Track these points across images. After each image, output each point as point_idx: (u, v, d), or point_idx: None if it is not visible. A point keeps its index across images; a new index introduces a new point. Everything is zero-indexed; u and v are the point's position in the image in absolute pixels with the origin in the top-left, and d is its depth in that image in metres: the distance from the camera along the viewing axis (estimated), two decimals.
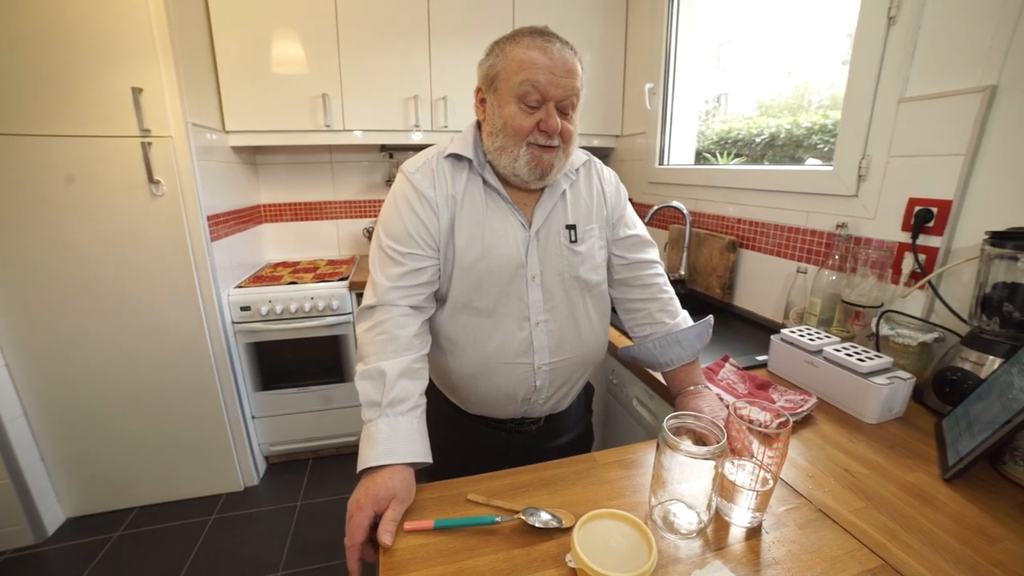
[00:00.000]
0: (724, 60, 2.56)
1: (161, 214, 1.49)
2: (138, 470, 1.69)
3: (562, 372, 0.83)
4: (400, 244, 0.74)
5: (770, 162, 1.82)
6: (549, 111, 0.70)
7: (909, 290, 0.98)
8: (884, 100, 1.01)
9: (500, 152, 0.73)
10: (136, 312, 1.54)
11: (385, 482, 0.60)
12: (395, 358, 0.69)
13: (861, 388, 0.81)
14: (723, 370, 0.98)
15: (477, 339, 0.78)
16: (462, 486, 0.66)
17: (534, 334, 0.78)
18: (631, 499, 0.63)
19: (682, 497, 0.58)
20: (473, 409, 0.87)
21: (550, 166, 0.73)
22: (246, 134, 1.82)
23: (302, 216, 2.27)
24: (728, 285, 1.50)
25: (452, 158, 0.78)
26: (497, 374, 0.80)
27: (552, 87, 0.69)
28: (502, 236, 0.76)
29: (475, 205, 0.76)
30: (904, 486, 0.65)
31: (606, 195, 0.86)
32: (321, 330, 1.82)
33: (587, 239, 0.81)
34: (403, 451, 0.63)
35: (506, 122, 0.71)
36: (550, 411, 0.88)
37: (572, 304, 0.81)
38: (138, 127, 1.40)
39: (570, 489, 0.65)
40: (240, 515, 1.69)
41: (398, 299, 0.73)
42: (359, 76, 1.84)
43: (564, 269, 0.79)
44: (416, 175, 0.76)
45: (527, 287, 0.77)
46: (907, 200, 0.98)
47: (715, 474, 0.55)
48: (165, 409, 1.65)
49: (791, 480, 0.66)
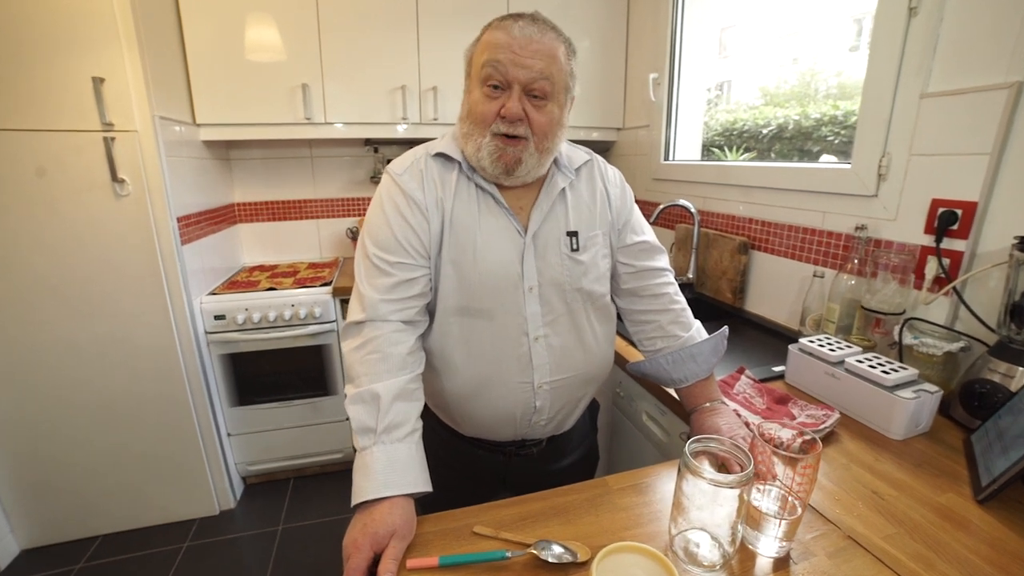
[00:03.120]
0: (727, 46, 2.57)
1: (126, 215, 1.45)
2: (101, 495, 1.65)
3: (564, 391, 0.82)
4: (389, 253, 0.73)
5: (778, 155, 1.83)
6: (511, 95, 0.69)
7: (933, 296, 0.99)
8: (905, 95, 1.02)
9: (466, 140, 0.73)
10: (99, 323, 1.50)
11: (384, 517, 0.59)
12: (389, 379, 0.68)
13: (886, 402, 0.82)
14: (739, 383, 0.97)
15: (471, 356, 0.77)
16: (467, 517, 0.65)
17: (533, 350, 0.77)
18: (649, 528, 0.63)
19: (704, 526, 0.58)
20: (469, 431, 0.86)
21: (515, 160, 0.71)
22: (219, 127, 1.79)
23: (280, 216, 2.25)
24: (739, 289, 1.51)
25: (440, 158, 0.77)
26: (493, 394, 0.78)
27: (514, 67, 0.67)
28: (496, 243, 0.75)
29: (466, 210, 0.75)
30: (936, 508, 0.65)
31: (610, 197, 0.84)
32: (302, 339, 1.80)
33: (590, 247, 0.80)
34: (402, 481, 0.62)
35: (471, 108, 0.71)
36: (552, 432, 0.87)
37: (574, 317, 0.80)
38: (100, 121, 1.37)
39: (583, 518, 0.65)
40: (216, 542, 1.67)
41: (389, 313, 0.71)
42: (342, 64, 1.82)
43: (565, 280, 0.78)
44: (404, 177, 0.75)
45: (524, 299, 0.76)
46: (930, 201, 0.99)
47: (741, 503, 0.55)
48: (131, 427, 1.61)
49: (817, 503, 0.66)
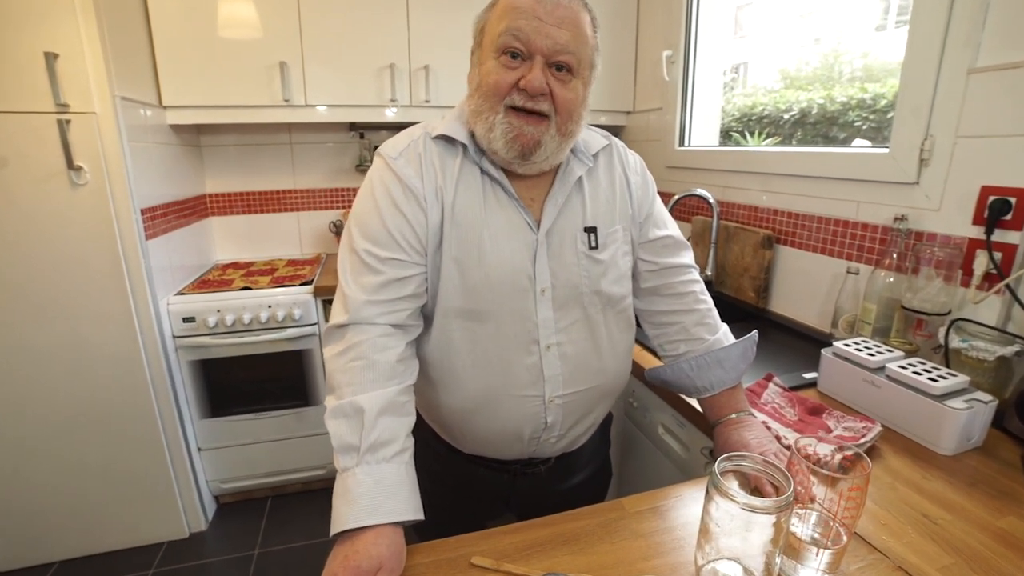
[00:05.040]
0: (743, 25, 2.56)
1: (84, 207, 1.43)
2: (57, 516, 1.62)
3: (578, 406, 0.79)
4: (379, 247, 0.69)
5: (801, 142, 1.81)
6: (533, 65, 0.65)
7: (983, 295, 0.97)
8: (950, 71, 0.99)
9: (476, 119, 0.70)
10: (54, 326, 1.47)
11: (368, 549, 0.56)
12: (374, 390, 0.64)
13: (935, 413, 0.79)
14: (767, 392, 0.95)
15: (474, 366, 0.74)
16: (463, 546, 0.63)
17: (544, 360, 0.74)
18: (672, 558, 0.61)
19: (736, 555, 0.55)
20: (469, 448, 0.84)
21: (534, 142, 0.67)
22: (188, 110, 1.77)
23: (256, 208, 2.23)
24: (763, 288, 1.49)
25: (442, 140, 0.74)
26: (499, 409, 0.75)
27: (538, 36, 0.64)
28: (504, 240, 0.72)
29: (471, 200, 0.72)
30: (995, 534, 0.64)
31: (631, 187, 0.82)
32: (281, 344, 1.78)
33: (609, 244, 0.77)
34: (388, 508, 0.59)
35: (483, 79, 0.68)
36: (563, 450, 0.85)
37: (591, 323, 0.77)
38: (53, 101, 1.34)
39: (596, 547, 0.63)
40: (186, 567, 1.65)
41: (376, 316, 0.68)
42: (324, 40, 1.80)
43: (582, 281, 0.75)
44: (399, 161, 0.72)
45: (535, 303, 0.73)
46: (979, 189, 0.97)
47: (779, 530, 0.52)
48: (91, 441, 1.59)
49: (861, 529, 0.64)
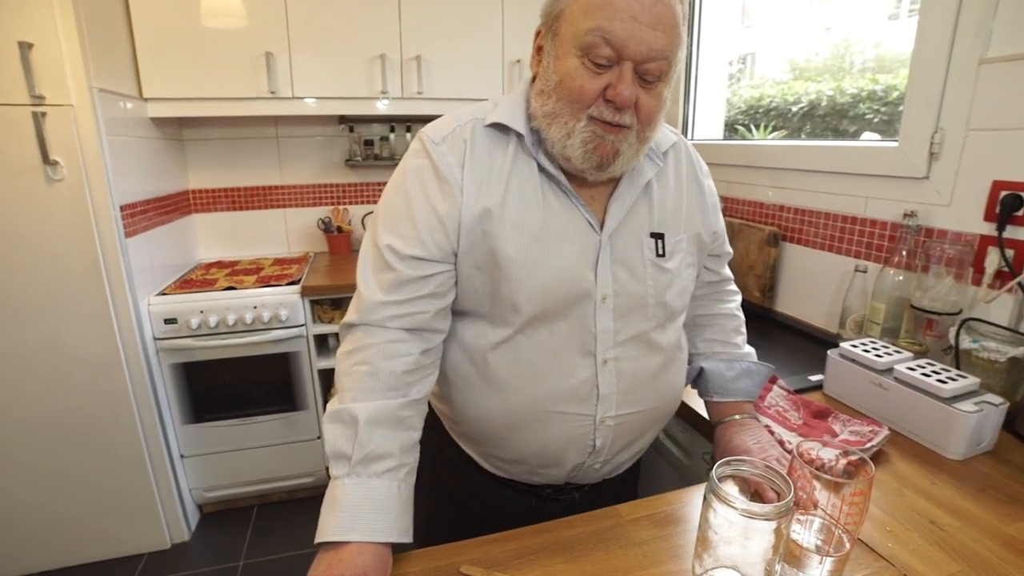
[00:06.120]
0: (751, 14, 2.57)
1: (60, 203, 1.43)
2: (33, 526, 1.62)
3: (630, 429, 0.75)
4: (402, 242, 0.66)
5: (809, 135, 1.82)
6: (623, 74, 0.60)
7: (994, 293, 0.97)
8: (961, 62, 1.00)
9: (550, 121, 0.64)
10: (27, 330, 1.48)
11: (353, 559, 0.55)
12: (373, 399, 0.63)
13: (943, 416, 0.80)
14: (771, 394, 0.96)
15: (520, 375, 0.70)
16: (452, 554, 0.63)
17: (600, 375, 0.70)
18: (669, 567, 0.61)
19: (735, 563, 0.55)
20: (498, 468, 0.79)
21: (614, 152, 0.64)
22: (169, 102, 1.77)
23: (241, 205, 2.23)
24: (769, 287, 1.50)
25: (495, 129, 0.69)
26: (543, 427, 0.71)
27: (632, 42, 0.58)
28: (563, 241, 0.68)
29: (525, 197, 0.67)
30: (1004, 541, 0.64)
31: (707, 195, 0.80)
32: (266, 347, 1.78)
33: (676, 253, 0.74)
34: (373, 526, 0.58)
35: (562, 80, 0.62)
36: (603, 477, 0.81)
37: (651, 338, 0.73)
38: (28, 93, 1.34)
39: (590, 555, 0.63)
40: None
41: (388, 319, 0.65)
42: (311, 30, 1.80)
43: (648, 291, 0.71)
44: (441, 148, 0.67)
45: (595, 311, 0.69)
46: (990, 183, 0.97)
47: (779, 537, 0.52)
48: (68, 448, 1.59)
49: (865, 536, 0.65)
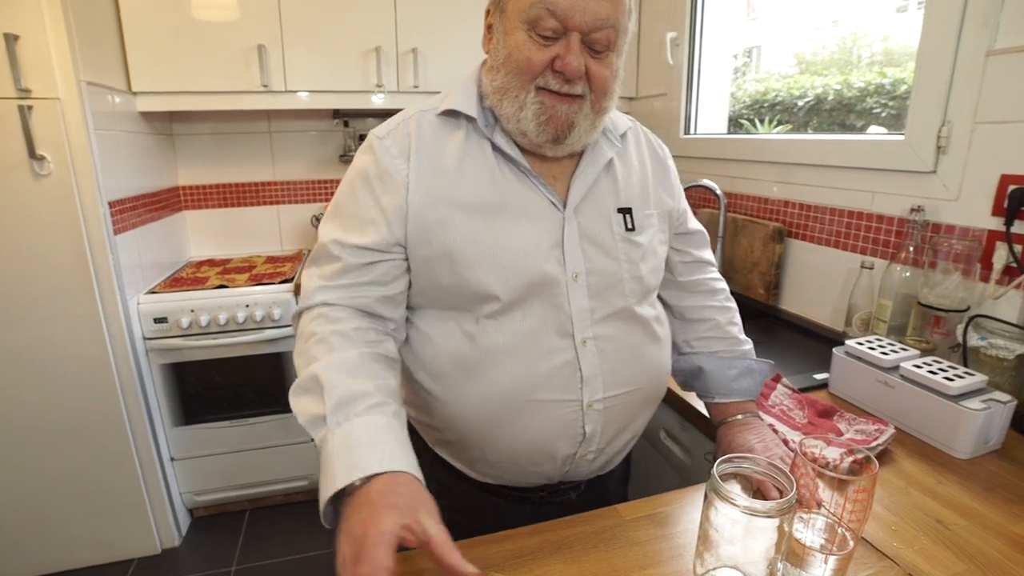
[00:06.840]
0: (756, 7, 2.57)
1: (47, 199, 1.43)
2: (19, 532, 1.62)
3: (621, 412, 0.74)
4: (345, 234, 0.68)
5: (816, 130, 1.82)
6: (570, 44, 0.62)
7: (1002, 290, 0.97)
8: (968, 54, 1.00)
9: (501, 96, 0.66)
10: (13, 329, 1.48)
11: (393, 489, 0.51)
12: (331, 355, 0.62)
13: (950, 414, 0.80)
14: (775, 393, 0.96)
15: (496, 364, 0.68)
16: None
17: (582, 356, 0.69)
18: (670, 567, 0.61)
19: (737, 563, 0.56)
20: (487, 475, 0.76)
21: (568, 123, 0.65)
22: (159, 96, 1.77)
23: (233, 201, 2.23)
24: (773, 284, 1.50)
25: (446, 116, 0.71)
26: (527, 419, 0.69)
27: (577, 12, 0.61)
28: (523, 219, 0.68)
29: (479, 179, 0.68)
30: (1012, 540, 0.64)
31: (670, 172, 0.83)
32: (259, 346, 1.79)
33: (646, 228, 0.75)
34: (370, 458, 0.54)
35: (510, 54, 0.64)
36: (597, 471, 0.79)
37: (631, 314, 0.73)
38: (14, 86, 1.35)
39: (590, 555, 0.63)
40: None
41: (328, 300, 0.67)
42: (305, 22, 1.80)
43: (621, 267, 0.72)
44: (384, 141, 0.70)
45: (567, 290, 0.69)
46: (999, 178, 0.98)
47: (782, 535, 0.53)
48: (56, 451, 1.59)
49: (870, 535, 0.65)
